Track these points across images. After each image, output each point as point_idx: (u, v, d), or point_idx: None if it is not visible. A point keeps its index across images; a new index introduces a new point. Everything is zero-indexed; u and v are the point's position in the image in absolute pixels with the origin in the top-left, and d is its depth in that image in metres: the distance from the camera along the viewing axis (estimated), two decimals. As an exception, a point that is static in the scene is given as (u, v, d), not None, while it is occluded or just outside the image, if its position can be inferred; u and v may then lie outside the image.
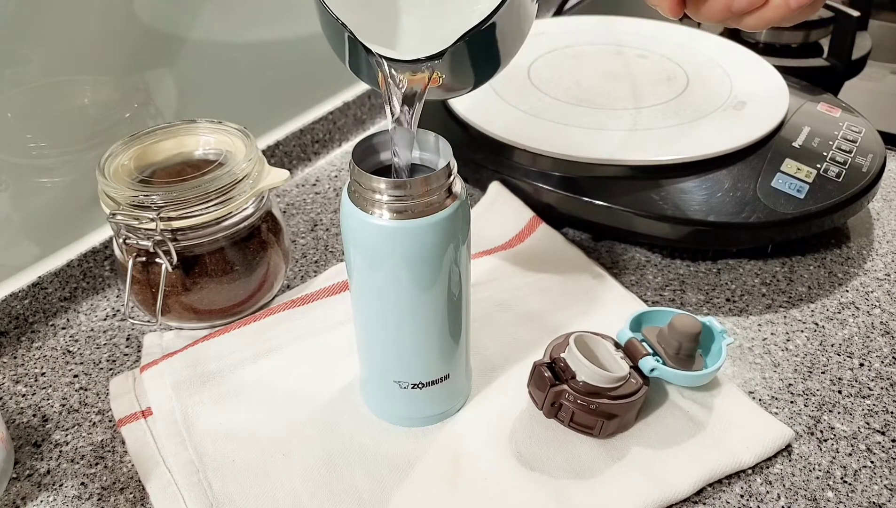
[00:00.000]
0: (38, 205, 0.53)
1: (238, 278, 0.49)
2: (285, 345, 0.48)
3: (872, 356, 0.48)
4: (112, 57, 0.54)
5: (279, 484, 0.40)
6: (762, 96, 0.61)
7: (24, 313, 0.52)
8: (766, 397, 0.46)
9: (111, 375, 0.49)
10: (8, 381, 0.49)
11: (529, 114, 0.61)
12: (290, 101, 0.69)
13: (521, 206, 0.58)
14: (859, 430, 0.44)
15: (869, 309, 0.52)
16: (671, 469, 0.40)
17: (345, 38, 0.34)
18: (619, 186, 0.55)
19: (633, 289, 0.54)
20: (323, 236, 0.60)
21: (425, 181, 0.35)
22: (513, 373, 0.46)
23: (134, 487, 0.41)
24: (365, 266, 0.37)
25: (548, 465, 0.41)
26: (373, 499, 0.39)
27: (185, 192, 0.45)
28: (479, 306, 0.51)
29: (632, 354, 0.43)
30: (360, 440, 0.42)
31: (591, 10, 0.95)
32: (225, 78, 0.63)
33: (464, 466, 0.41)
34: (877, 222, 0.60)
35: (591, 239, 0.59)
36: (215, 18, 0.60)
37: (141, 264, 0.47)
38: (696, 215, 0.53)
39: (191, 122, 0.51)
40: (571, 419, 0.42)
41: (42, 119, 0.51)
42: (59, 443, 0.44)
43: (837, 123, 0.61)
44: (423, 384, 0.41)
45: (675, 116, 0.59)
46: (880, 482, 0.41)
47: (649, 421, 0.43)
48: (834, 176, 0.55)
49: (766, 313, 0.52)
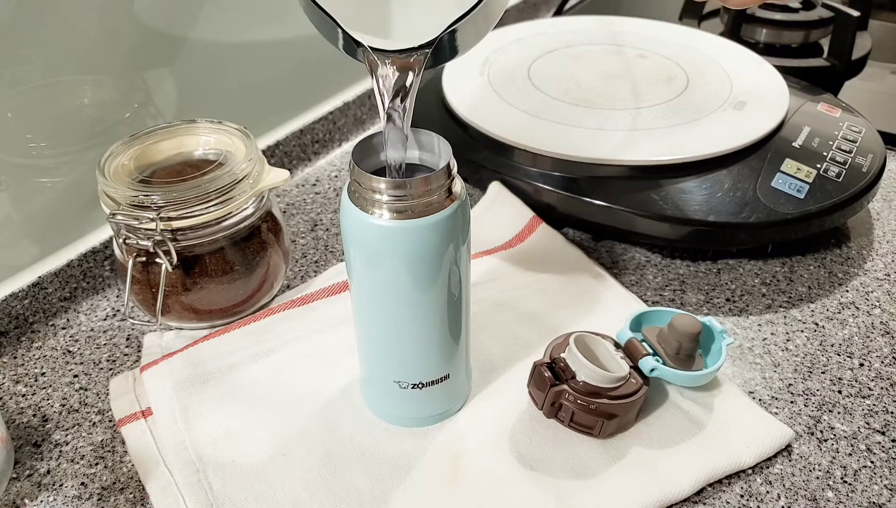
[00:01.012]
0: (38, 205, 0.53)
1: (238, 278, 0.49)
2: (285, 345, 0.48)
3: (872, 356, 0.48)
4: (112, 57, 0.54)
5: (279, 484, 0.40)
6: (762, 96, 0.61)
7: (24, 313, 0.52)
8: (766, 397, 0.46)
9: (111, 375, 0.49)
10: (8, 381, 0.49)
11: (529, 114, 0.61)
12: (290, 101, 0.70)
13: (521, 206, 0.58)
14: (859, 430, 0.44)
15: (869, 309, 0.52)
16: (671, 469, 0.40)
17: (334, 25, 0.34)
18: (619, 186, 0.55)
19: (633, 289, 0.54)
20: (323, 236, 0.60)
21: (425, 181, 0.35)
22: (513, 373, 0.46)
23: (134, 487, 0.41)
24: (365, 266, 0.37)
25: (548, 465, 0.41)
26: (373, 499, 0.39)
27: (185, 192, 0.45)
28: (479, 306, 0.51)
29: (632, 354, 0.43)
30: (360, 440, 0.42)
31: (591, 10, 0.94)
32: (225, 78, 0.63)
33: (464, 466, 0.41)
34: (877, 222, 0.60)
35: (591, 239, 0.59)
36: (215, 18, 0.60)
37: (141, 264, 0.47)
38: (696, 215, 0.53)
39: (191, 122, 0.51)
40: (571, 419, 0.42)
41: (42, 119, 0.51)
42: (59, 443, 0.44)
43: (837, 123, 0.61)
44: (423, 384, 0.41)
45: (675, 116, 0.59)
46: (880, 482, 0.41)
47: (649, 421, 0.43)
48: (834, 176, 0.55)
49: (766, 313, 0.52)
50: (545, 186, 0.57)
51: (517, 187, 0.59)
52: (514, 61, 0.69)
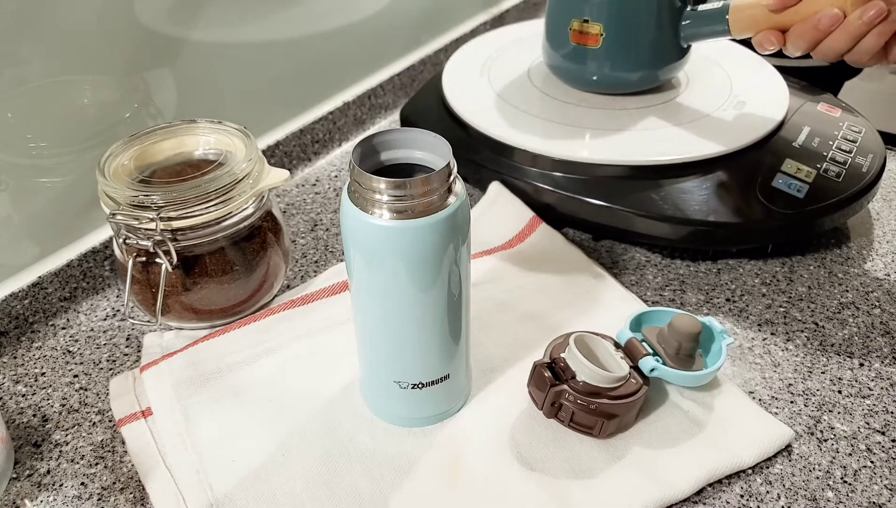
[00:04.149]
0: (38, 205, 0.53)
1: (238, 278, 0.49)
2: (285, 345, 0.48)
3: (872, 356, 0.48)
4: (112, 57, 0.54)
5: (279, 484, 0.40)
6: (762, 96, 0.61)
7: (24, 313, 0.52)
8: (766, 397, 0.46)
9: (111, 375, 0.49)
10: (8, 381, 0.49)
11: (529, 114, 0.61)
12: (290, 101, 0.70)
13: (521, 206, 0.58)
14: (859, 430, 0.44)
15: (869, 309, 0.52)
16: (671, 469, 0.40)
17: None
18: (619, 186, 0.55)
19: (633, 289, 0.54)
20: (323, 236, 0.60)
21: (425, 181, 0.35)
22: (513, 373, 0.46)
23: (134, 487, 0.41)
24: (365, 266, 0.37)
25: (548, 465, 0.41)
26: (373, 499, 0.39)
27: (185, 192, 0.45)
28: (479, 306, 0.51)
29: (632, 354, 0.43)
30: (360, 440, 0.42)
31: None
32: (225, 78, 0.63)
33: (464, 466, 0.41)
34: (877, 222, 0.60)
35: (591, 239, 0.59)
36: (215, 18, 0.60)
37: (141, 264, 0.47)
38: (696, 215, 0.53)
39: (191, 122, 0.51)
40: (571, 419, 0.42)
41: (42, 119, 0.51)
42: (59, 443, 0.44)
43: (837, 123, 0.61)
44: (423, 384, 0.41)
45: (675, 116, 0.59)
46: (880, 482, 0.41)
47: (649, 421, 0.43)
48: (834, 176, 0.55)
49: (766, 313, 0.52)
50: (545, 186, 0.57)
51: (517, 187, 0.59)
52: (514, 61, 0.69)
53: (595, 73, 0.61)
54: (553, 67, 0.64)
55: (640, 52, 0.60)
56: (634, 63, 0.60)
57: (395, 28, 0.78)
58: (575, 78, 0.63)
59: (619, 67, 0.60)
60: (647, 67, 0.60)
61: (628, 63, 0.60)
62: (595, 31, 0.58)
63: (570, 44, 0.60)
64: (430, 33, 0.84)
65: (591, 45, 0.59)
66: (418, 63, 0.80)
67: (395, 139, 0.38)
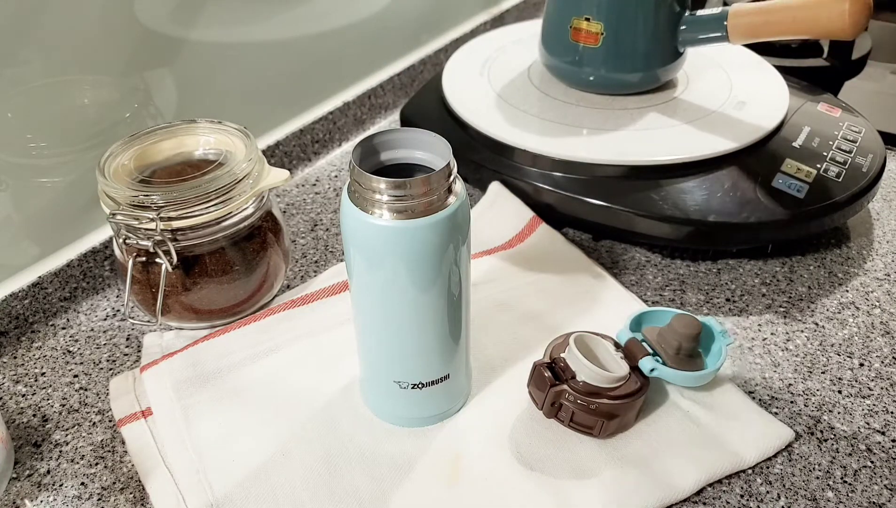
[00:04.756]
0: (38, 205, 0.53)
1: (238, 278, 0.49)
2: (285, 345, 0.48)
3: (872, 356, 0.48)
4: (112, 57, 0.54)
5: (279, 484, 0.40)
6: (762, 96, 0.61)
7: (24, 313, 0.52)
8: (766, 397, 0.46)
9: (111, 375, 0.49)
10: (8, 381, 0.49)
11: (529, 114, 0.61)
12: (290, 101, 0.70)
13: (521, 206, 0.58)
14: (859, 430, 0.44)
15: (869, 309, 0.52)
16: (671, 469, 0.40)
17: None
18: (619, 186, 0.55)
19: (633, 289, 0.54)
20: (323, 236, 0.60)
21: (425, 181, 0.35)
22: (513, 373, 0.46)
23: (134, 487, 0.41)
24: (365, 266, 0.37)
25: (548, 465, 0.41)
26: (373, 499, 0.39)
27: (185, 192, 0.45)
28: (479, 306, 0.51)
29: (632, 354, 0.43)
30: (360, 440, 0.42)
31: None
32: (225, 78, 0.63)
33: (464, 466, 0.41)
34: (877, 222, 0.60)
35: (591, 239, 0.59)
36: (215, 18, 0.60)
37: (141, 264, 0.47)
38: (696, 215, 0.53)
39: (191, 122, 0.51)
40: (571, 419, 0.42)
41: (42, 119, 0.51)
42: (59, 443, 0.44)
43: (837, 123, 0.61)
44: (423, 384, 0.41)
45: (674, 116, 0.59)
46: (880, 482, 0.41)
47: (649, 421, 0.43)
48: (834, 176, 0.55)
49: (766, 313, 0.52)
50: (545, 186, 0.57)
51: (517, 187, 0.59)
52: (514, 61, 0.69)
53: (593, 73, 0.61)
54: (550, 67, 0.64)
55: (639, 53, 0.60)
56: (633, 63, 0.60)
57: (395, 28, 0.78)
58: (572, 77, 0.63)
59: (618, 67, 0.60)
60: (646, 67, 0.60)
61: (627, 63, 0.60)
62: (596, 29, 0.58)
63: (569, 42, 0.60)
64: (430, 33, 0.84)
65: (591, 45, 0.59)
66: (418, 63, 0.80)
67: (396, 139, 0.38)
